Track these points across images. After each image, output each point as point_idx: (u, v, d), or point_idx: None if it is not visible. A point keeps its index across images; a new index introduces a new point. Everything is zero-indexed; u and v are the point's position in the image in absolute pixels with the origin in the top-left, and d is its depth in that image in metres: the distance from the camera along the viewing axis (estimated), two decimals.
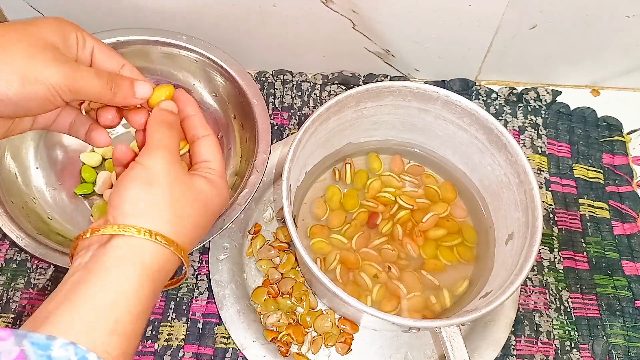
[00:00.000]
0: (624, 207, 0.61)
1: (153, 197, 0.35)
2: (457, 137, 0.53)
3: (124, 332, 0.31)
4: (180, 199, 0.36)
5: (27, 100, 0.34)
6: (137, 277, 0.33)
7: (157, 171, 0.36)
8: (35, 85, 0.33)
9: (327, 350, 0.52)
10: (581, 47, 0.61)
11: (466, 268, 0.54)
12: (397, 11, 0.57)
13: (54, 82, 0.34)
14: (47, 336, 0.28)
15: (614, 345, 0.54)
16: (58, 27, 0.36)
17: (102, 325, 0.31)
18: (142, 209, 0.35)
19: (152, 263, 0.34)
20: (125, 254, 0.33)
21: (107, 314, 0.31)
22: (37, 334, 0.28)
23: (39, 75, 0.33)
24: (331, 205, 0.56)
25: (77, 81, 0.35)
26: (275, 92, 0.65)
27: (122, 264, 0.33)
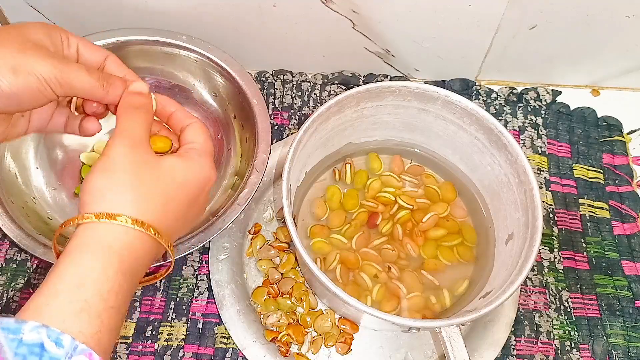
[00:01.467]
0: (624, 207, 0.61)
1: (111, 182, 0.35)
2: (457, 137, 0.53)
3: (94, 311, 0.31)
4: (145, 180, 0.36)
5: (19, 92, 0.34)
6: (100, 258, 0.33)
7: (115, 156, 0.36)
8: (26, 77, 0.34)
9: (327, 350, 0.52)
10: (581, 47, 0.61)
11: (466, 268, 0.54)
12: (397, 11, 0.57)
13: (44, 73, 0.35)
14: (16, 320, 0.29)
15: (614, 345, 0.54)
16: (43, 28, 0.37)
17: (71, 306, 0.31)
18: (101, 195, 0.35)
19: (116, 244, 0.34)
20: (87, 238, 0.34)
21: (73, 295, 0.31)
22: (7, 319, 0.29)
23: (30, 67, 0.34)
24: (331, 205, 0.56)
25: (67, 74, 0.36)
26: (275, 92, 0.65)
27: (84, 247, 0.33)
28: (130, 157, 0.36)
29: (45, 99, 0.36)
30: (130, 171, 0.35)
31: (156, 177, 0.36)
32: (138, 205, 0.35)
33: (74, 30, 0.62)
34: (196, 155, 0.39)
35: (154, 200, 0.36)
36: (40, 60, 0.35)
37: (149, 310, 0.53)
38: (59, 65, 0.35)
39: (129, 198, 0.35)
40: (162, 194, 0.36)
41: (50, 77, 0.35)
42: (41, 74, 0.34)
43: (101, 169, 0.35)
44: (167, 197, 0.37)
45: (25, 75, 0.34)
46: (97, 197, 0.35)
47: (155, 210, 0.36)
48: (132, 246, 0.34)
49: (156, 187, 0.36)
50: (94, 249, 0.33)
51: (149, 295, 0.54)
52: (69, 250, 0.33)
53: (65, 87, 0.36)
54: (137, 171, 0.36)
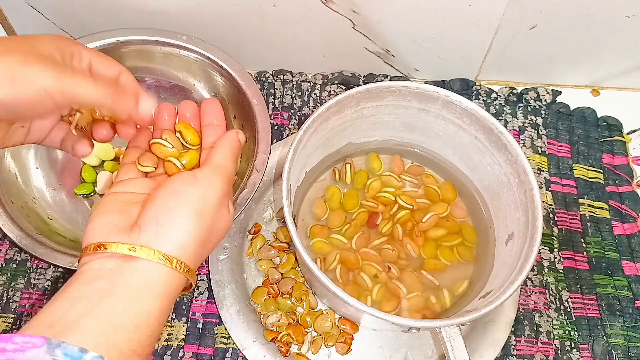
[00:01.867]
0: (624, 207, 0.61)
1: (195, 231, 0.35)
2: (457, 137, 0.53)
3: (142, 352, 0.32)
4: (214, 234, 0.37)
5: (17, 103, 0.33)
6: (161, 301, 0.34)
7: (211, 201, 0.36)
8: (25, 87, 0.33)
9: (327, 350, 0.52)
10: (581, 47, 0.61)
11: (466, 268, 0.54)
12: (397, 11, 0.57)
13: (45, 84, 0.33)
14: (80, 349, 0.29)
15: (614, 345, 0.54)
16: (54, 41, 0.36)
17: (126, 345, 0.31)
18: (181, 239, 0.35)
19: (173, 290, 0.35)
20: (153, 281, 0.34)
21: (131, 335, 0.32)
22: (71, 346, 0.29)
23: (31, 78, 0.33)
24: (331, 205, 0.56)
25: (71, 85, 0.34)
26: (275, 92, 0.65)
27: (149, 289, 0.34)
28: (218, 209, 0.37)
29: (46, 110, 0.35)
30: (210, 225, 0.37)
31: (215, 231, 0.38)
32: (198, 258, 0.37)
33: (74, 31, 0.63)
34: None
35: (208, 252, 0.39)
36: (42, 70, 0.33)
37: None
38: (62, 75, 0.34)
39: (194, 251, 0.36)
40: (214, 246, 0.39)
41: (53, 88, 0.33)
42: (41, 85, 0.33)
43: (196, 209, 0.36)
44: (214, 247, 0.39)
45: (24, 86, 0.33)
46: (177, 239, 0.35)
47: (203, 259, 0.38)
48: (179, 290, 0.36)
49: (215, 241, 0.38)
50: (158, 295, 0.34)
51: None
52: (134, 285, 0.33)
53: (68, 98, 0.34)
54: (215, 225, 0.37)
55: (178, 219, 0.35)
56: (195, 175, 0.37)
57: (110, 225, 0.35)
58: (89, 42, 0.56)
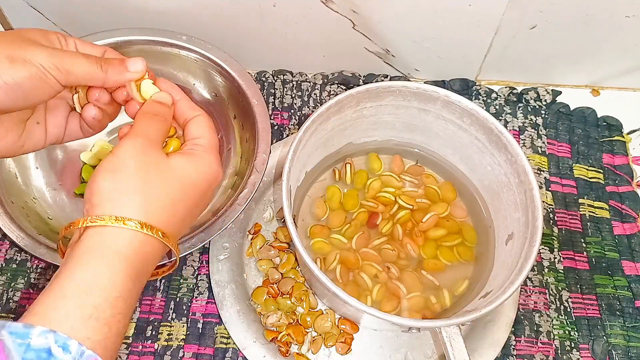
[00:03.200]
0: (624, 207, 0.61)
1: (119, 184, 0.35)
2: (457, 137, 0.53)
3: (102, 317, 0.31)
4: (153, 182, 0.35)
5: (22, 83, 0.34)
6: (109, 263, 0.33)
7: (124, 158, 0.35)
8: (25, 66, 0.34)
9: (327, 350, 0.52)
10: (581, 47, 0.61)
11: (466, 268, 0.54)
12: (397, 11, 0.57)
13: (42, 61, 0.35)
14: (24, 325, 0.29)
15: (614, 345, 0.54)
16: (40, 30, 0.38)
17: (78, 312, 0.31)
18: (110, 197, 0.34)
19: (125, 249, 0.34)
20: (96, 242, 0.33)
21: (82, 301, 0.31)
22: (15, 323, 0.28)
23: (27, 56, 0.34)
24: (331, 205, 0.56)
25: (64, 60, 0.36)
26: (275, 92, 0.65)
27: (93, 252, 0.33)
28: (140, 158, 0.36)
29: (51, 88, 0.36)
30: (140, 173, 0.35)
31: (165, 179, 0.36)
32: (147, 209, 0.35)
33: (74, 31, 0.63)
34: (203, 152, 0.38)
35: (162, 202, 0.36)
36: (36, 49, 0.35)
37: (149, 310, 0.53)
38: (55, 52, 0.36)
39: (137, 201, 0.35)
40: (170, 195, 0.36)
41: (49, 65, 0.35)
42: (39, 62, 0.35)
43: (110, 169, 0.35)
44: (175, 198, 0.36)
45: (23, 64, 0.34)
46: (105, 199, 0.34)
47: (163, 213, 0.36)
48: (141, 250, 0.34)
49: (165, 189, 0.36)
50: (103, 254, 0.33)
51: (149, 295, 0.54)
52: (77, 253, 0.33)
53: (65, 74, 0.36)
54: (146, 173, 0.35)
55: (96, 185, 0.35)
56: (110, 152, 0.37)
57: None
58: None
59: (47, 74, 0.35)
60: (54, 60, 0.35)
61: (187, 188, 0.37)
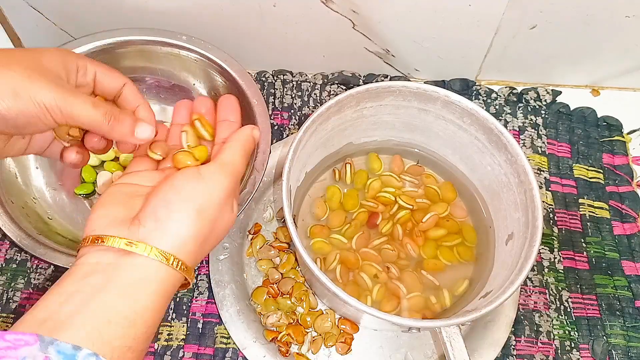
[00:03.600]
0: (624, 207, 0.61)
1: (195, 230, 0.35)
2: (457, 137, 0.53)
3: (138, 349, 0.32)
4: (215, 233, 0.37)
5: (17, 117, 0.33)
6: (156, 300, 0.33)
7: (214, 199, 0.36)
8: (26, 102, 0.33)
9: (327, 350, 0.52)
10: (581, 47, 0.61)
11: (466, 268, 0.54)
12: (397, 11, 0.57)
13: (46, 101, 0.34)
14: (73, 346, 0.29)
15: (614, 345, 0.54)
16: (60, 55, 0.36)
17: (120, 342, 0.31)
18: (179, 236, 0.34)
19: (169, 287, 0.35)
20: (149, 276, 0.34)
21: (125, 331, 0.32)
22: (64, 343, 0.28)
23: (33, 93, 0.33)
24: (331, 205, 0.56)
25: (71, 105, 0.34)
26: (275, 92, 0.65)
27: (144, 285, 0.33)
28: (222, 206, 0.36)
29: (45, 126, 0.35)
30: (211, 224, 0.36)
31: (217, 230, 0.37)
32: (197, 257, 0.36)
33: (74, 31, 0.63)
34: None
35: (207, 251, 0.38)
36: (45, 87, 0.34)
37: None
38: (65, 94, 0.34)
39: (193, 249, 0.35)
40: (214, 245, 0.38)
41: (52, 106, 0.34)
42: (42, 101, 0.33)
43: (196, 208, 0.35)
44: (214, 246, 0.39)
45: (25, 101, 0.33)
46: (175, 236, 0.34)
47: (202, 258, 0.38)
48: (176, 288, 0.35)
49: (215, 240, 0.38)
50: (153, 292, 0.33)
51: None
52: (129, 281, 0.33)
53: (67, 117, 0.35)
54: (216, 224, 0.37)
55: (178, 215, 0.35)
56: (200, 172, 0.36)
57: (111, 217, 0.35)
58: (89, 42, 0.56)
59: (47, 115, 0.34)
60: (59, 104, 0.34)
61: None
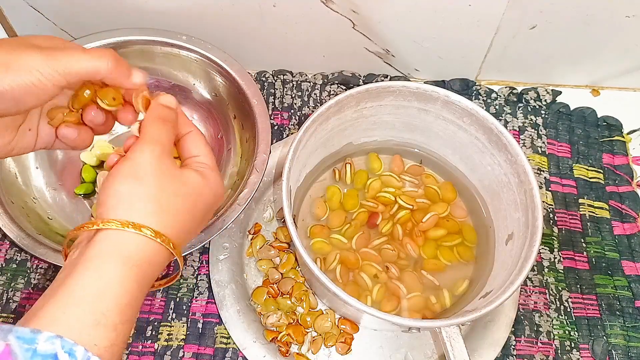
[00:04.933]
0: (624, 207, 0.61)
1: (137, 190, 0.35)
2: (457, 137, 0.53)
3: (111, 323, 0.31)
4: (168, 192, 0.36)
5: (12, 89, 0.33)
6: (121, 269, 0.33)
7: (144, 164, 0.35)
8: (17, 71, 0.33)
9: (327, 350, 0.52)
10: (581, 47, 0.61)
11: (466, 268, 0.54)
12: (397, 11, 0.57)
13: (38, 65, 0.34)
14: (31, 330, 0.28)
15: (614, 345, 0.54)
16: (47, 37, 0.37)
17: (88, 318, 0.31)
18: (126, 202, 0.34)
19: (137, 255, 0.34)
20: (108, 247, 0.33)
21: (92, 307, 0.31)
22: (22, 328, 0.28)
23: (23, 62, 0.33)
24: (331, 205, 0.56)
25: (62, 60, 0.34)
26: (275, 92, 0.65)
27: (105, 256, 0.33)
28: (158, 167, 0.36)
29: (44, 94, 0.35)
30: (157, 181, 0.35)
31: (179, 190, 0.36)
32: (161, 218, 0.35)
33: (74, 31, 0.63)
34: (210, 171, 0.39)
35: (173, 213, 0.36)
36: (32, 53, 0.34)
37: (148, 310, 0.53)
38: (52, 53, 0.34)
39: (153, 209, 0.35)
40: (183, 207, 0.37)
41: (46, 69, 0.34)
42: (35, 67, 0.33)
43: (128, 174, 0.35)
44: (187, 211, 0.37)
45: (17, 71, 0.33)
46: (122, 203, 0.34)
47: (175, 224, 0.36)
48: (151, 258, 0.34)
49: (177, 200, 0.36)
50: (116, 260, 0.33)
51: (149, 295, 0.54)
52: (88, 257, 0.33)
53: (65, 75, 0.35)
54: (162, 182, 0.36)
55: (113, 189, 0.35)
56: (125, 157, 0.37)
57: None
58: (89, 42, 0.56)
59: (44, 80, 0.34)
60: (50, 63, 0.34)
61: (198, 203, 0.38)
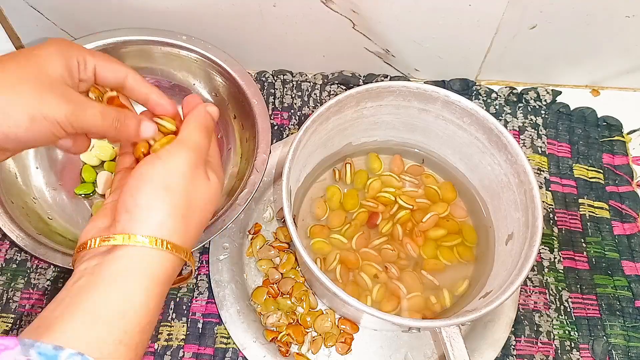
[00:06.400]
0: (624, 207, 0.61)
1: (168, 206, 0.34)
2: (457, 137, 0.53)
3: (131, 342, 0.31)
4: (194, 207, 0.36)
5: (34, 138, 0.34)
6: (146, 287, 0.33)
7: (177, 173, 0.35)
8: (41, 123, 0.34)
9: (327, 350, 0.52)
10: (581, 47, 0.61)
11: (466, 268, 0.54)
12: (397, 11, 0.57)
13: (58, 118, 0.34)
14: (54, 346, 0.28)
15: (614, 345, 0.54)
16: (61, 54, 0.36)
17: (110, 336, 0.30)
18: (154, 217, 0.34)
19: (160, 272, 0.34)
20: (134, 264, 0.33)
21: (115, 325, 0.31)
22: (44, 344, 0.28)
23: (45, 114, 0.34)
24: (331, 205, 0.56)
25: (82, 120, 0.35)
26: (275, 92, 0.65)
27: (131, 274, 0.33)
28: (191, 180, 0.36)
29: (57, 138, 0.36)
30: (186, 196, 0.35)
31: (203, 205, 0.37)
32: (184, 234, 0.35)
33: (74, 31, 0.63)
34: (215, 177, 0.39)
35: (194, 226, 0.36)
36: (56, 104, 0.34)
37: None
38: (75, 108, 0.35)
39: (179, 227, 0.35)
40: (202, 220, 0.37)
41: (63, 121, 0.34)
42: (55, 118, 0.34)
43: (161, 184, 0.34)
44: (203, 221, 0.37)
45: (40, 122, 0.34)
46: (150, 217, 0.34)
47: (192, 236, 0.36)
48: (171, 272, 0.35)
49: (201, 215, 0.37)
50: (142, 280, 0.33)
51: None
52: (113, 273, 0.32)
53: (78, 129, 0.35)
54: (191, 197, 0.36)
55: (145, 198, 0.34)
56: (158, 155, 0.36)
57: (96, 228, 0.36)
58: (89, 42, 0.56)
59: (60, 130, 0.35)
60: (71, 119, 0.34)
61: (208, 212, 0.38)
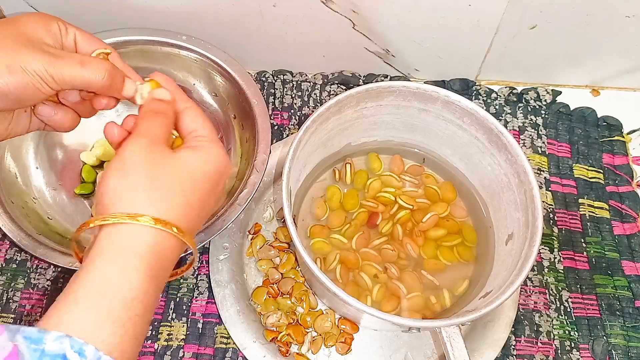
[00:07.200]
0: (624, 207, 0.61)
1: (127, 181, 0.34)
2: (457, 137, 0.53)
3: (118, 319, 0.31)
4: (161, 178, 0.35)
5: (16, 90, 0.35)
6: (124, 262, 0.32)
7: (132, 157, 0.35)
8: (21, 74, 0.34)
9: (327, 350, 0.52)
10: (581, 47, 0.61)
11: (466, 268, 0.54)
12: (397, 11, 0.57)
13: (38, 69, 0.35)
14: (38, 330, 0.28)
15: (614, 345, 0.54)
16: (41, 20, 0.38)
17: (94, 315, 0.30)
18: (119, 196, 0.34)
19: (141, 246, 0.33)
20: (110, 242, 0.33)
21: (97, 303, 0.30)
22: (30, 328, 0.28)
23: (25, 65, 0.35)
24: (331, 205, 0.56)
25: (61, 69, 0.35)
26: (275, 92, 0.65)
27: (106, 252, 0.32)
28: (146, 155, 0.35)
29: (43, 94, 0.36)
30: (148, 169, 0.35)
31: (174, 173, 0.36)
32: (158, 204, 0.34)
33: None
34: (208, 143, 0.38)
35: (174, 197, 0.35)
36: (33, 56, 0.35)
37: None
38: (53, 60, 0.35)
39: (147, 196, 0.34)
40: (182, 189, 0.36)
41: (45, 74, 0.35)
42: (34, 70, 0.35)
43: (116, 168, 0.35)
44: (188, 192, 0.36)
45: (20, 73, 0.34)
46: (116, 197, 0.34)
47: (177, 207, 0.35)
48: (156, 248, 0.33)
49: (174, 183, 0.35)
50: (117, 254, 0.32)
51: None
52: (92, 255, 0.32)
53: (61, 82, 0.36)
54: (152, 169, 0.35)
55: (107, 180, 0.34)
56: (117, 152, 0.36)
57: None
58: None
59: (42, 83, 0.35)
60: (51, 70, 0.35)
61: (198, 180, 0.37)
